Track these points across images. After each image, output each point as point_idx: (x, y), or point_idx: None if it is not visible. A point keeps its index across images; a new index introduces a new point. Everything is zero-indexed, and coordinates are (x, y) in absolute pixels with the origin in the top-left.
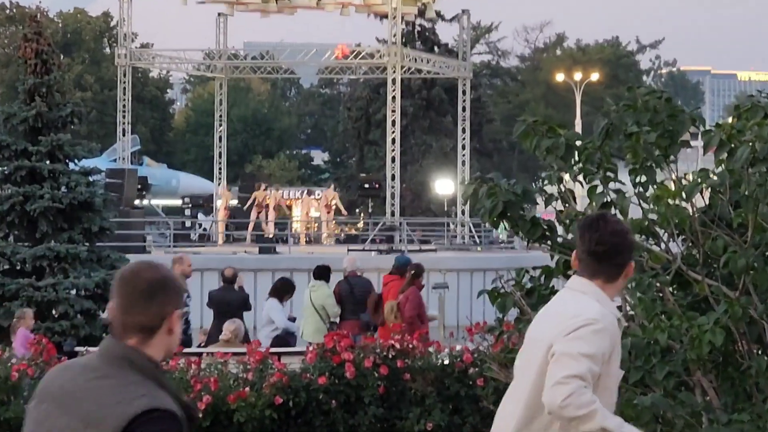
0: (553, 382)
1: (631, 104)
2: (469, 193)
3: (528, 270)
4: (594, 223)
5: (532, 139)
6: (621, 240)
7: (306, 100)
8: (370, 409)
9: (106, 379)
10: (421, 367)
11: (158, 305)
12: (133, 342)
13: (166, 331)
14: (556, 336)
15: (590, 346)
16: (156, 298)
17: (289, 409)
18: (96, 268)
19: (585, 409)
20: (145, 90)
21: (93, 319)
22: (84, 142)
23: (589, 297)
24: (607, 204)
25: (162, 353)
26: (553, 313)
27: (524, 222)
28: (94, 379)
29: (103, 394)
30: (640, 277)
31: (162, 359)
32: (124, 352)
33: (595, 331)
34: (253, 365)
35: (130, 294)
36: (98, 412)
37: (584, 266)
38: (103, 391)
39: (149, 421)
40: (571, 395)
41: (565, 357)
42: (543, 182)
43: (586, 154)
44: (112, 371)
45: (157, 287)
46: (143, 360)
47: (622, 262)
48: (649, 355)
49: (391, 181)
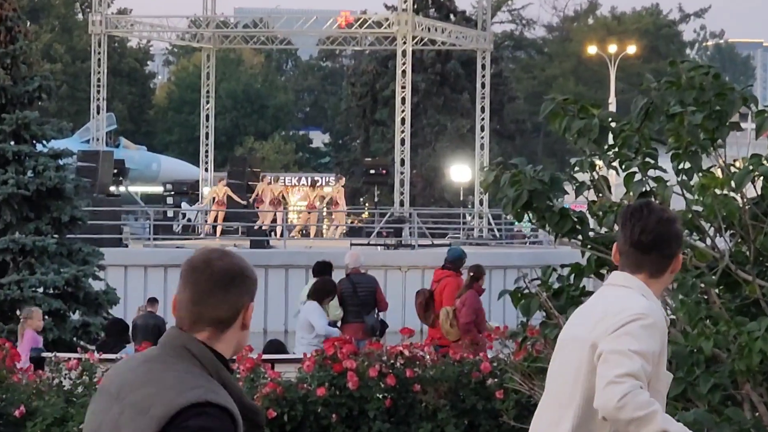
0: (605, 382)
1: (674, 81)
2: (490, 180)
3: (555, 268)
4: (638, 211)
5: (562, 120)
6: (668, 229)
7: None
8: (375, 424)
9: (163, 368)
10: (434, 377)
11: (234, 296)
12: (203, 336)
13: (239, 326)
14: (601, 334)
15: (641, 342)
16: (231, 289)
17: (284, 423)
18: (66, 263)
19: (644, 410)
20: (123, 62)
21: (63, 321)
22: (53, 121)
23: (634, 291)
24: (646, 193)
25: (231, 349)
26: (593, 310)
27: (552, 214)
28: (150, 369)
29: (157, 382)
30: (683, 277)
31: (231, 356)
32: (184, 341)
33: (644, 327)
34: (243, 374)
35: (202, 284)
36: (148, 399)
37: (627, 259)
38: (157, 379)
39: (198, 414)
40: (627, 395)
41: (615, 355)
42: (573, 169)
43: (622, 137)
44: (171, 360)
45: (233, 277)
46: (207, 353)
47: (669, 253)
48: (692, 366)
49: (400, 166)
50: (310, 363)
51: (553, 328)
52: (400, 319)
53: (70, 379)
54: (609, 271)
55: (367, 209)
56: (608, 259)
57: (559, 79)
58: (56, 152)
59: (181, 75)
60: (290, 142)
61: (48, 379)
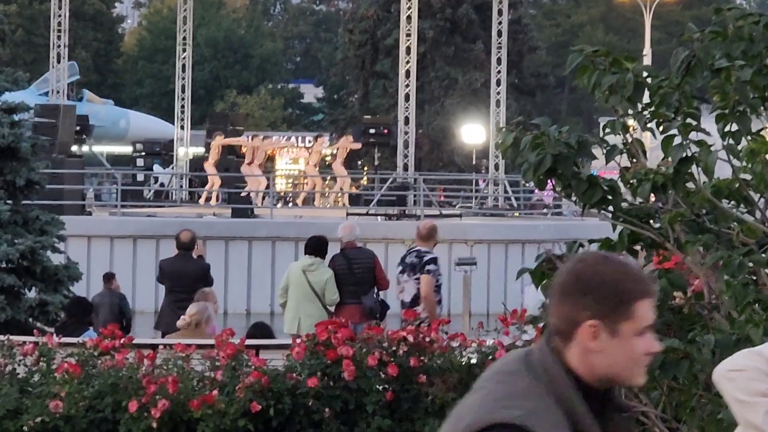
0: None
1: (719, 31)
2: (508, 143)
3: (583, 243)
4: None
5: (591, 75)
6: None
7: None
8: (374, 420)
9: (498, 381)
10: (441, 367)
11: (569, 307)
12: (555, 344)
13: (580, 342)
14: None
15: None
16: (568, 298)
17: (270, 418)
18: (21, 232)
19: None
20: (87, 3)
21: (17, 299)
22: (7, 70)
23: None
24: (687, 159)
25: (583, 367)
26: None
27: (579, 182)
28: (489, 379)
29: (483, 394)
30: (729, 256)
31: (589, 377)
32: (532, 352)
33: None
34: (224, 361)
35: (554, 286)
36: (464, 410)
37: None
38: (486, 391)
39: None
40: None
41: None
42: (603, 130)
43: (660, 94)
44: (511, 373)
45: (573, 284)
46: (552, 368)
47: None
48: None
49: (403, 125)
50: (300, 350)
51: None
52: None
53: (25, 366)
54: (643, 247)
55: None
56: (642, 234)
57: (586, 27)
58: (10, 106)
59: (154, 19)
60: (278, 97)
61: (0, 366)
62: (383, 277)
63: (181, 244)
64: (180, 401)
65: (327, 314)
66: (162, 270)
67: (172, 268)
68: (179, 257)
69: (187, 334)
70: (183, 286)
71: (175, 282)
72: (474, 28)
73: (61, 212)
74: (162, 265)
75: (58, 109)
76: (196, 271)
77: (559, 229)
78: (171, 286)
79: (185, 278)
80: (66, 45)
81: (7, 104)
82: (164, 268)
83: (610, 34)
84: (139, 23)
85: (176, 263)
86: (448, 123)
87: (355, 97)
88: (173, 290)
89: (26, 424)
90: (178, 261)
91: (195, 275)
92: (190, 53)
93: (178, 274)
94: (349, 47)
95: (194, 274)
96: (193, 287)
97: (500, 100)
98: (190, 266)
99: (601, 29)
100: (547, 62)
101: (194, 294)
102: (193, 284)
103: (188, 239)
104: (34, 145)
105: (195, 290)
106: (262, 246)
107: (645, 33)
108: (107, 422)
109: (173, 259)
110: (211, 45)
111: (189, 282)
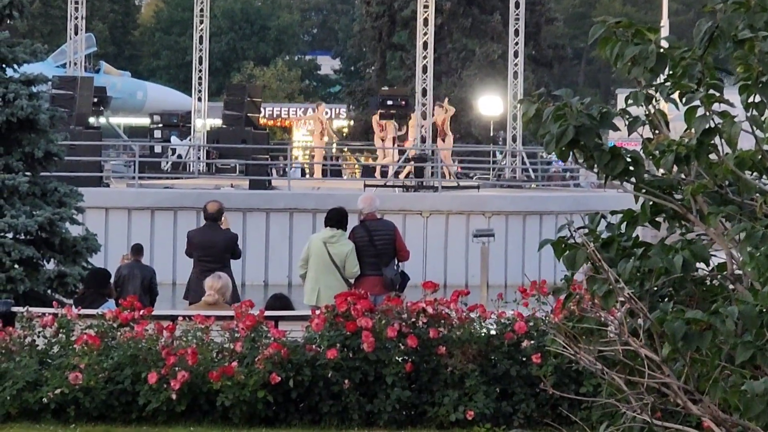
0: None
1: (742, 2)
2: (531, 114)
3: (604, 215)
4: None
5: (613, 46)
6: None
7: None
8: (393, 391)
9: None
10: (461, 338)
11: None
12: None
13: None
14: None
15: None
16: None
17: (289, 389)
18: (40, 204)
19: None
20: None
21: (35, 271)
22: (25, 42)
23: None
24: (710, 130)
25: None
26: None
27: (602, 153)
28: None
29: None
30: (752, 227)
31: None
32: None
33: None
34: (243, 333)
35: None
36: None
37: None
38: None
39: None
40: None
41: None
42: (626, 102)
43: (683, 65)
44: None
45: None
46: None
47: None
48: (762, 328)
49: (421, 97)
50: (320, 321)
51: (602, 283)
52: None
53: (45, 338)
54: (666, 219)
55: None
56: (665, 206)
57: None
58: (29, 78)
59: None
60: (295, 69)
61: (19, 338)
62: (404, 249)
63: (208, 215)
64: (199, 373)
65: (347, 286)
66: (190, 240)
67: (201, 239)
68: (207, 227)
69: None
70: (212, 256)
71: (204, 252)
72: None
73: (80, 184)
74: (190, 235)
75: (75, 81)
76: (225, 242)
77: (576, 201)
78: (200, 256)
79: (214, 248)
80: (83, 17)
81: (26, 76)
82: (192, 238)
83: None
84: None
85: (205, 233)
86: (465, 95)
87: (372, 69)
88: (202, 260)
89: (46, 396)
90: (207, 231)
91: (224, 245)
92: (207, 25)
93: (207, 244)
94: (366, 19)
95: (223, 244)
96: (221, 257)
97: (518, 71)
98: (218, 236)
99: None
100: (565, 34)
101: (222, 264)
102: (222, 254)
103: (215, 210)
104: (53, 117)
105: (224, 260)
106: (279, 218)
107: (663, 4)
108: (126, 394)
109: (201, 229)
110: (228, 17)
111: (218, 252)
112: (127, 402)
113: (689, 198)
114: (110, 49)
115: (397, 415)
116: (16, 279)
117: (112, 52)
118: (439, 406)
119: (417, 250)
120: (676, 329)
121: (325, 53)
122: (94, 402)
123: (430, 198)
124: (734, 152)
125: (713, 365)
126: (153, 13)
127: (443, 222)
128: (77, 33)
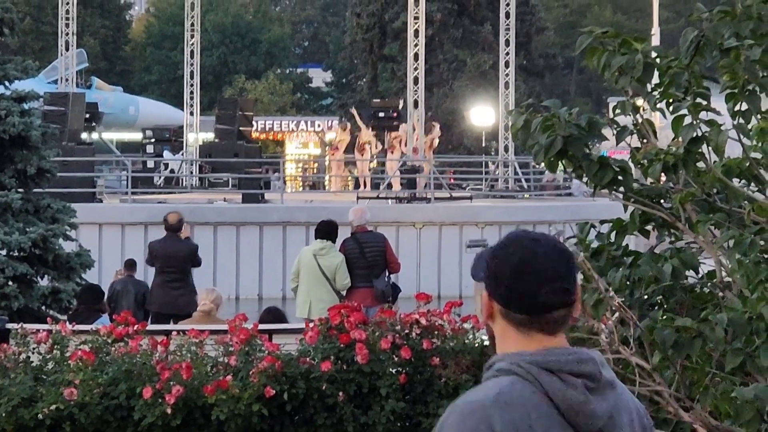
0: None
1: (728, 10)
2: (519, 125)
3: (594, 224)
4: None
5: (601, 56)
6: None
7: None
8: (387, 403)
9: None
10: (454, 349)
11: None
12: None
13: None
14: None
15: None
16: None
17: (284, 403)
18: (33, 221)
19: None
20: None
21: (29, 288)
22: (16, 59)
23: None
24: (698, 139)
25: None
26: None
27: (590, 163)
28: None
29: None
30: (741, 234)
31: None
32: None
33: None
34: (237, 347)
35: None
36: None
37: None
38: None
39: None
40: None
41: None
42: (614, 111)
43: (670, 74)
44: None
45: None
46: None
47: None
48: (752, 335)
49: (413, 108)
50: (314, 334)
51: (592, 292)
52: (415, 283)
53: (39, 354)
54: (654, 227)
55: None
56: (654, 214)
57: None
58: (20, 95)
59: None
60: (287, 82)
61: (13, 354)
62: (394, 261)
63: (169, 225)
64: (194, 387)
65: (338, 298)
66: (152, 251)
67: (163, 249)
68: (168, 238)
69: (200, 321)
70: (173, 266)
71: (166, 262)
72: (482, 9)
73: (72, 200)
74: (152, 246)
75: (67, 97)
76: (186, 252)
77: (569, 210)
78: (162, 266)
79: (176, 258)
80: (74, 33)
81: (17, 93)
82: (155, 249)
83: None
84: (146, 9)
85: (166, 244)
86: (457, 106)
87: (364, 81)
88: (164, 270)
89: (41, 412)
90: (169, 242)
91: (185, 255)
92: (198, 39)
93: (170, 255)
94: (357, 31)
95: (184, 254)
96: (183, 267)
97: (509, 81)
98: (180, 247)
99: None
100: (556, 43)
101: (184, 273)
102: (183, 264)
103: (176, 221)
104: (45, 134)
105: (185, 270)
106: (273, 231)
107: (653, 12)
108: (122, 409)
109: (163, 240)
110: (219, 30)
111: (179, 262)
112: (122, 417)
113: (678, 206)
114: (102, 64)
115: (392, 427)
116: (10, 296)
117: (104, 67)
118: (434, 417)
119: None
120: (666, 337)
121: (317, 66)
122: (89, 417)
123: (422, 209)
124: (722, 160)
125: (704, 372)
126: (144, 28)
127: (436, 233)
128: (68, 49)
